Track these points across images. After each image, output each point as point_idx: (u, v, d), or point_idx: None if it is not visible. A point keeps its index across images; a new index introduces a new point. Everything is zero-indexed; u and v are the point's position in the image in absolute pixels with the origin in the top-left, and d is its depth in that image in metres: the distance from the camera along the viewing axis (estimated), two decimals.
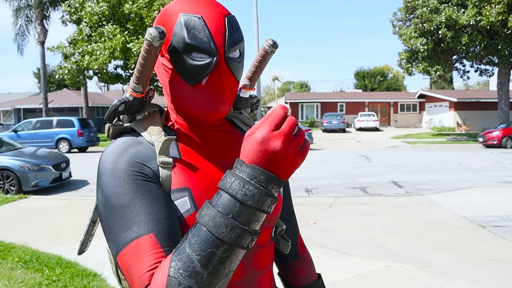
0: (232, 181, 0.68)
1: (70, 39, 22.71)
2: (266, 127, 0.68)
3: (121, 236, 0.73)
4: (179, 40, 0.81)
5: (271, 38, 0.94)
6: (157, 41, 0.76)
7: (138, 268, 0.71)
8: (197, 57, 0.81)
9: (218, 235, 0.66)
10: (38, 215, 6.70)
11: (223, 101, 0.84)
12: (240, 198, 0.66)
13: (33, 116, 32.23)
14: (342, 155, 15.98)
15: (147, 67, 0.81)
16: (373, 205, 7.19)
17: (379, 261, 4.42)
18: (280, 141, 0.67)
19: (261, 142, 0.67)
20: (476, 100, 32.11)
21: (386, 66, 60.11)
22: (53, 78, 43.70)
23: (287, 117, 0.70)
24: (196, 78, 0.82)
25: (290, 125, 0.69)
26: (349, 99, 40.43)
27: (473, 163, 13.31)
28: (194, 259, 0.66)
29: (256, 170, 0.67)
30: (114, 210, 0.75)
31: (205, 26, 0.81)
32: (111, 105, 0.85)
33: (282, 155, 0.67)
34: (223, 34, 0.83)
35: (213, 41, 0.81)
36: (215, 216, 0.66)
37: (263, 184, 0.67)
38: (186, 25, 0.81)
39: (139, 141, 0.83)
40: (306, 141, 0.72)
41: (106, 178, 0.77)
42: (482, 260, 4.52)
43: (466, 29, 20.77)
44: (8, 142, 10.54)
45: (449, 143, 21.58)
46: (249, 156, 0.68)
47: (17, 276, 3.94)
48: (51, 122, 19.21)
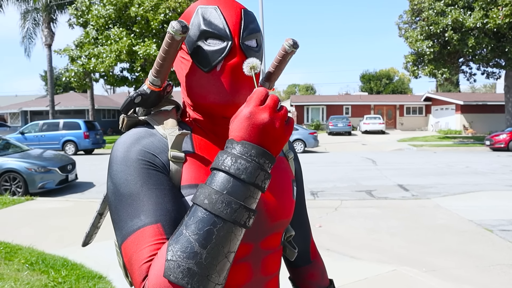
0: (224, 158, 0.69)
1: (77, 42, 22.87)
2: (252, 103, 0.70)
3: (127, 224, 0.73)
4: (195, 28, 0.83)
5: (291, 38, 0.93)
6: (179, 35, 0.76)
7: (138, 257, 0.69)
8: (212, 42, 0.82)
9: (214, 211, 0.65)
10: (44, 217, 6.73)
11: (238, 88, 0.83)
12: (234, 173, 0.67)
13: (40, 118, 32.43)
14: (347, 158, 15.94)
15: (167, 60, 0.81)
16: (379, 209, 7.15)
17: (385, 265, 4.39)
18: (267, 113, 0.69)
19: (249, 117, 0.69)
20: (483, 103, 31.93)
21: (392, 68, 59.93)
22: (59, 80, 44.03)
23: (269, 96, 0.72)
24: (211, 63, 0.82)
25: (274, 100, 0.71)
26: (354, 102, 40.31)
27: (480, 166, 13.22)
28: (192, 239, 0.65)
29: (246, 145, 0.68)
30: (123, 198, 0.75)
31: (221, 14, 0.82)
32: (127, 97, 0.86)
33: (270, 127, 0.69)
34: (239, 22, 0.84)
35: (228, 27, 0.82)
36: (210, 193, 0.66)
37: (254, 158, 0.68)
38: (202, 14, 0.83)
39: (153, 133, 0.83)
40: (290, 117, 0.73)
41: (116, 166, 0.77)
42: (490, 264, 4.47)
43: (473, 31, 20.68)
44: (15, 144, 10.60)
45: (455, 146, 21.46)
46: (238, 133, 0.69)
47: (23, 277, 3.95)
48: (57, 124, 19.32)
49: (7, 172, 8.85)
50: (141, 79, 23.41)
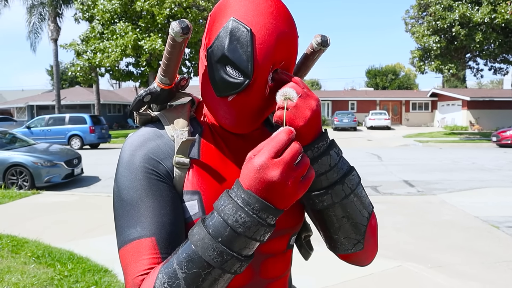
0: (225, 204, 0.65)
1: (83, 37, 22.94)
2: (265, 154, 0.63)
3: (125, 232, 0.74)
4: (218, 47, 0.75)
5: (321, 34, 0.85)
6: (179, 36, 0.73)
7: (133, 269, 0.71)
8: (231, 72, 0.75)
9: (205, 257, 0.64)
10: (50, 210, 6.77)
11: (246, 122, 0.79)
12: (231, 224, 0.64)
13: (46, 112, 32.57)
14: (353, 154, 15.89)
15: (172, 61, 0.78)
16: (384, 204, 7.13)
17: (390, 261, 4.38)
18: (279, 171, 0.62)
19: (258, 170, 0.62)
20: (490, 98, 31.71)
21: (398, 64, 59.65)
22: (65, 75, 44.15)
23: (291, 144, 0.64)
24: (224, 93, 0.76)
25: (293, 154, 0.63)
26: (360, 97, 40.18)
27: (486, 162, 13.14)
28: (180, 276, 0.65)
29: (251, 197, 0.63)
30: (124, 204, 0.75)
31: (250, 42, 0.72)
32: (136, 96, 0.84)
33: (280, 186, 0.62)
34: (268, 54, 0.73)
35: (252, 62, 0.72)
36: (204, 237, 0.65)
37: (257, 212, 0.63)
38: (231, 33, 0.73)
39: (161, 135, 0.81)
40: (310, 170, 0.67)
41: (122, 170, 0.77)
42: (496, 261, 4.45)
43: (480, 26, 20.50)
44: (22, 138, 10.67)
45: (461, 142, 21.34)
46: (246, 181, 0.64)
47: (30, 270, 3.98)
48: (63, 119, 19.41)
49: (13, 166, 8.91)
50: (146, 73, 23.46)
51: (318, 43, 0.84)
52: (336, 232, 0.82)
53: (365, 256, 0.86)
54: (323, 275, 3.92)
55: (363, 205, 0.81)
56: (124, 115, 40.47)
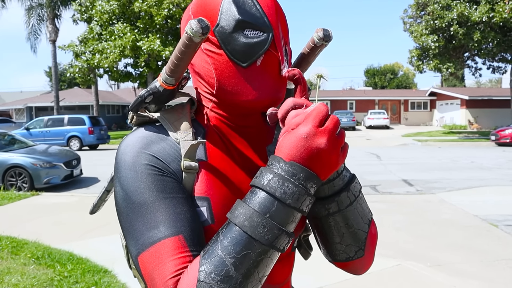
0: (269, 178, 0.63)
1: (81, 38, 22.94)
2: (310, 123, 0.64)
3: (145, 235, 0.68)
4: (228, 18, 0.73)
5: (323, 28, 0.82)
6: (198, 37, 0.67)
7: (162, 272, 0.65)
8: (251, 34, 0.73)
9: (255, 236, 0.61)
10: (49, 211, 6.77)
11: (280, 83, 0.76)
12: (279, 197, 0.62)
13: (45, 114, 32.54)
14: (352, 153, 15.90)
15: (183, 61, 0.72)
16: (383, 203, 7.14)
17: (390, 260, 4.39)
18: (325, 138, 0.63)
19: (306, 138, 0.63)
20: (488, 97, 31.76)
21: (396, 63, 59.68)
22: (64, 76, 44.09)
23: (330, 115, 0.66)
24: (251, 57, 0.73)
25: (335, 123, 0.65)
26: (359, 97, 40.21)
27: (485, 161, 13.16)
28: (228, 262, 0.61)
29: (295, 167, 0.63)
30: (136, 206, 0.69)
31: (256, 2, 0.74)
32: (137, 96, 0.78)
33: (326, 154, 0.63)
34: (275, 12, 0.76)
35: (266, 17, 0.74)
36: (252, 215, 0.62)
37: (302, 182, 0.63)
38: (235, 1, 0.74)
39: (164, 137, 0.77)
40: (346, 143, 0.68)
41: (126, 172, 0.72)
42: (495, 259, 4.46)
43: (479, 25, 20.53)
44: (21, 140, 10.66)
45: (460, 141, 21.37)
46: (289, 152, 0.64)
47: (30, 271, 3.98)
48: (62, 120, 19.40)
49: (13, 167, 8.90)
50: (145, 74, 23.45)
51: (319, 37, 0.81)
52: (339, 240, 0.80)
53: (362, 264, 0.85)
54: (322, 274, 3.93)
55: (364, 212, 0.81)
56: (123, 116, 40.43)
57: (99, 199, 0.95)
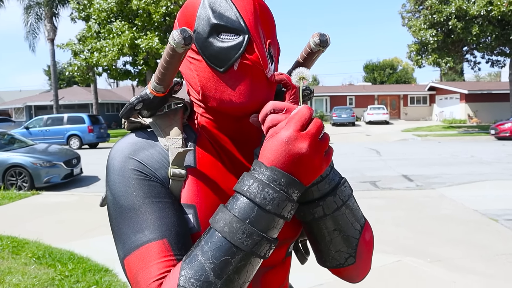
0: (250, 183, 0.63)
1: (79, 36, 22.87)
2: (292, 127, 0.63)
3: (130, 239, 0.69)
4: (203, 23, 0.72)
5: (319, 32, 0.80)
6: (181, 47, 0.66)
7: (146, 275, 0.66)
8: (226, 38, 0.72)
9: (234, 242, 0.61)
10: (50, 211, 6.78)
11: (259, 90, 0.73)
12: (259, 202, 0.62)
13: (44, 113, 32.53)
14: (351, 149, 15.91)
15: (170, 70, 0.71)
16: (383, 199, 7.15)
17: (390, 256, 4.40)
18: (307, 143, 0.62)
19: (286, 142, 0.62)
20: (488, 91, 31.71)
21: (395, 58, 59.57)
22: (63, 75, 44.02)
23: (313, 119, 0.65)
24: (227, 62, 0.71)
25: (317, 127, 0.64)
26: (358, 92, 40.16)
27: (485, 155, 13.17)
28: (207, 267, 0.61)
29: (276, 173, 0.62)
30: (123, 210, 0.70)
31: (232, 4, 0.72)
32: (127, 102, 0.79)
33: (308, 158, 0.63)
34: (253, 12, 0.73)
35: (242, 19, 0.71)
36: (231, 221, 0.62)
37: (283, 188, 0.63)
38: (210, 5, 0.72)
39: (153, 144, 0.77)
40: (330, 147, 0.67)
41: (114, 176, 0.73)
42: (495, 254, 4.47)
43: (477, 19, 20.47)
44: (20, 139, 10.66)
45: (460, 136, 21.38)
46: (270, 156, 0.63)
47: (31, 271, 3.99)
48: (61, 119, 19.40)
49: (13, 167, 8.91)
50: (144, 72, 23.42)
51: (316, 43, 0.79)
52: (327, 246, 0.79)
53: (357, 272, 0.83)
54: (321, 270, 3.93)
55: (355, 217, 0.79)
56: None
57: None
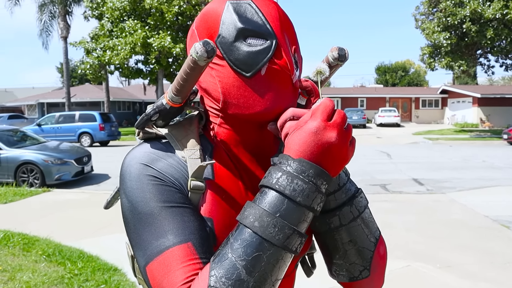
0: (278, 176, 0.62)
1: (92, 35, 23.08)
2: (318, 117, 0.63)
3: (152, 245, 0.66)
4: (229, 27, 0.71)
5: (338, 46, 0.80)
6: (203, 60, 0.65)
7: (172, 280, 0.63)
8: (253, 42, 0.71)
9: (266, 236, 0.60)
10: (61, 208, 6.84)
11: (285, 95, 0.72)
12: (289, 194, 0.61)
13: (56, 110, 32.89)
14: (362, 151, 15.82)
15: (189, 82, 0.70)
16: (393, 203, 7.10)
17: (399, 261, 4.36)
18: (335, 132, 0.63)
19: (315, 132, 0.62)
20: (501, 95, 31.30)
21: (407, 60, 59.14)
22: (75, 72, 44.50)
23: (336, 110, 0.65)
24: (254, 66, 0.70)
25: (342, 117, 0.64)
26: (369, 94, 39.94)
27: (497, 160, 13.00)
28: (238, 265, 0.60)
29: (304, 164, 0.62)
30: (143, 217, 0.68)
31: (258, 10, 0.72)
32: (143, 114, 0.77)
33: (337, 148, 0.63)
34: (278, 18, 0.73)
35: (269, 24, 0.71)
36: (261, 215, 0.60)
37: (312, 179, 0.62)
38: (236, 10, 0.72)
39: (170, 155, 0.75)
40: (353, 137, 0.68)
41: (131, 183, 0.71)
42: (506, 261, 4.41)
43: (492, 22, 20.25)
44: (32, 136, 10.79)
45: (472, 140, 21.13)
46: (298, 148, 0.63)
47: (41, 269, 4.03)
48: (73, 116, 19.58)
49: (24, 164, 9.02)
50: (155, 71, 23.55)
51: (334, 57, 0.79)
52: (342, 258, 0.77)
53: (370, 286, 0.81)
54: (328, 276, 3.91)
55: (370, 229, 0.78)
56: (134, 112, 40.64)
57: (112, 197, 0.95)
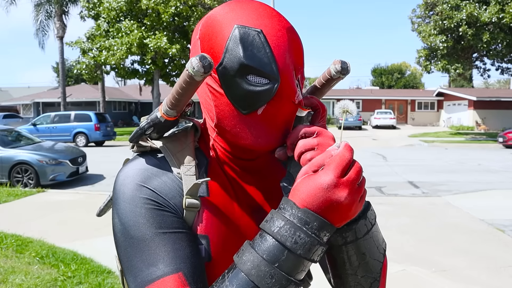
0: (281, 225, 0.60)
1: (88, 35, 23.00)
2: (332, 172, 0.60)
3: (143, 272, 0.66)
4: (232, 59, 0.66)
5: (340, 59, 0.77)
6: (199, 76, 0.62)
7: None
8: (255, 81, 0.67)
9: (262, 286, 0.59)
10: (55, 209, 6.79)
11: (279, 134, 0.71)
12: (290, 247, 0.59)
13: (52, 109, 32.73)
14: (357, 153, 15.83)
15: (184, 96, 0.68)
16: (389, 206, 7.10)
17: (394, 264, 4.35)
18: (347, 191, 0.60)
19: (325, 189, 0.59)
20: (497, 99, 31.45)
21: (404, 63, 59.37)
22: (71, 72, 44.28)
23: (354, 163, 0.62)
24: (252, 107, 0.68)
25: (357, 172, 0.61)
26: (365, 96, 40.04)
27: (493, 164, 13.05)
28: None
29: (309, 216, 0.60)
30: (134, 241, 0.67)
31: (266, 43, 0.66)
32: (137, 128, 0.75)
33: (345, 207, 0.60)
34: (287, 54, 0.68)
35: (275, 63, 0.66)
36: (259, 264, 0.60)
37: (315, 231, 0.60)
38: (242, 40, 0.66)
39: (165, 170, 0.74)
40: (365, 189, 0.65)
41: (124, 205, 0.69)
42: (501, 266, 4.42)
43: (488, 26, 20.36)
44: (27, 136, 10.73)
45: (467, 143, 21.21)
46: (304, 198, 0.60)
47: (34, 271, 3.99)
48: (69, 116, 19.50)
49: (19, 164, 8.96)
50: (151, 71, 23.49)
51: (337, 70, 0.76)
52: (354, 271, 0.76)
53: None
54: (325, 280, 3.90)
55: (379, 241, 0.78)
56: (130, 112, 40.54)
57: (105, 206, 0.93)
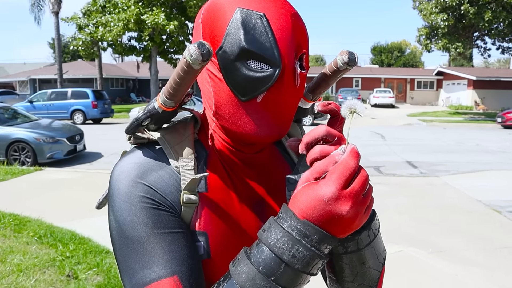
0: (278, 237, 0.57)
1: (84, 10, 22.63)
2: (334, 183, 0.55)
3: (138, 274, 0.64)
4: (233, 43, 0.64)
5: (348, 50, 0.73)
6: (198, 64, 0.59)
7: None
8: (255, 66, 0.65)
9: None
10: (52, 188, 6.78)
11: (280, 123, 0.68)
12: (287, 260, 0.56)
13: (48, 86, 32.43)
14: (356, 133, 15.81)
15: (183, 86, 0.65)
16: (387, 185, 7.11)
17: (392, 245, 4.37)
18: (349, 204, 0.54)
19: (325, 202, 0.54)
20: (496, 78, 31.25)
21: (404, 41, 58.79)
22: (67, 48, 43.79)
23: (359, 171, 0.57)
24: (251, 93, 0.65)
25: (362, 183, 0.56)
26: (365, 74, 39.78)
27: (491, 144, 13.06)
28: None
29: (309, 228, 0.56)
30: (130, 241, 0.65)
31: (268, 28, 0.64)
32: (133, 119, 0.71)
33: (349, 220, 0.55)
34: (290, 39, 0.66)
35: (277, 48, 0.64)
36: (255, 277, 0.56)
37: (315, 244, 0.56)
38: (244, 24, 0.64)
39: (163, 164, 0.71)
40: (372, 198, 0.60)
41: (120, 202, 0.67)
42: (497, 247, 4.45)
43: (490, 5, 20.07)
44: (24, 114, 10.65)
45: (466, 123, 21.21)
46: (304, 209, 0.56)
47: (32, 251, 3.99)
48: (66, 93, 19.34)
49: (16, 142, 8.91)
50: (149, 48, 23.20)
51: (344, 61, 0.72)
52: (352, 279, 0.73)
53: None
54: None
55: (380, 250, 0.74)
56: (127, 89, 40.25)
57: (104, 198, 0.90)
